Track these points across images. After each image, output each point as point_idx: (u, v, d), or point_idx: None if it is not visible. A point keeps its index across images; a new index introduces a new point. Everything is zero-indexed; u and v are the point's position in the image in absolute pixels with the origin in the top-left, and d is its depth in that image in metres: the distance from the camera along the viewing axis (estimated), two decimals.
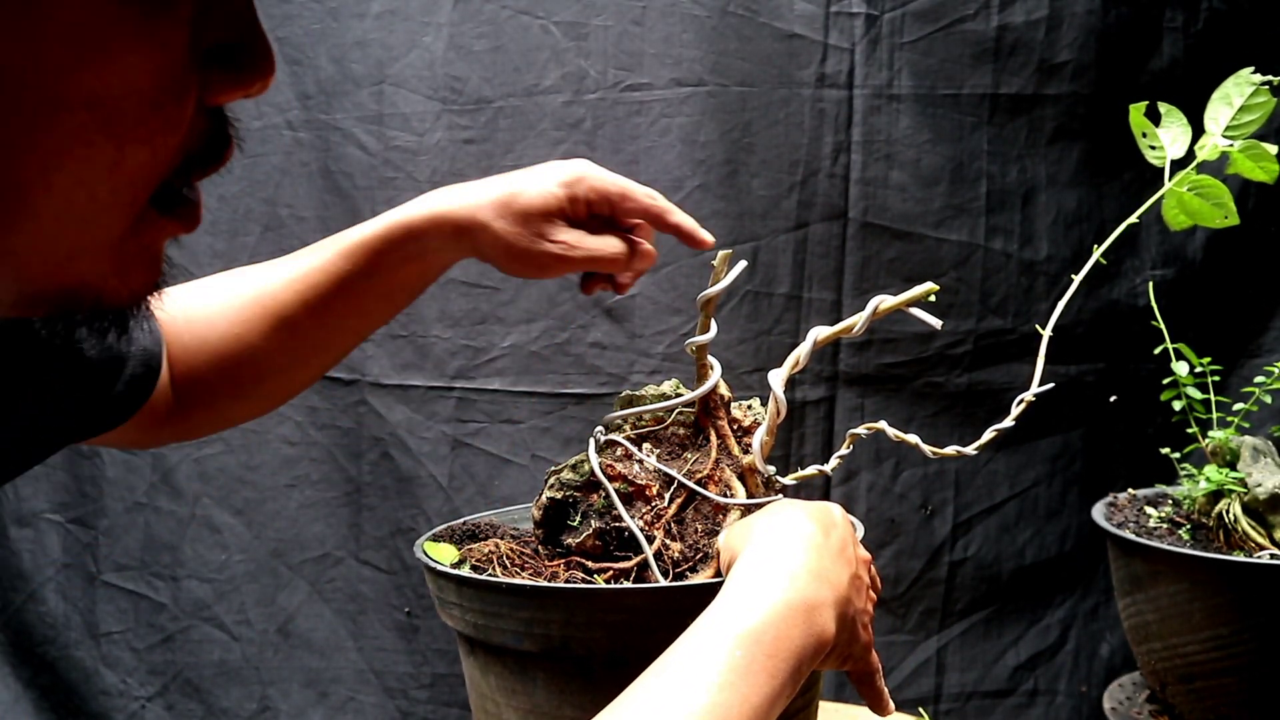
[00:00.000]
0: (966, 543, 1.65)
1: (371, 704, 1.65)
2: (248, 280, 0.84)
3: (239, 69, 0.41)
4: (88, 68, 0.36)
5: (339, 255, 0.83)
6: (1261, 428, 1.41)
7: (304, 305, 0.83)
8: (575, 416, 1.61)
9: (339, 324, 0.85)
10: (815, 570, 0.66)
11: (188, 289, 0.85)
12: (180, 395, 0.83)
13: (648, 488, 0.82)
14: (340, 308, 0.84)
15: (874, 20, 1.56)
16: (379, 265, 0.83)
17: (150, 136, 0.38)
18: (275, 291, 0.83)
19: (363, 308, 0.85)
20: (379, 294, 0.85)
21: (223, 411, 0.87)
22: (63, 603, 1.66)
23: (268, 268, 0.85)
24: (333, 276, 0.83)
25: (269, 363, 0.84)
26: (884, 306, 0.82)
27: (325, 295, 0.83)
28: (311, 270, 0.83)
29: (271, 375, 0.86)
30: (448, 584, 0.79)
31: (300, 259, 0.84)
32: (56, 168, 0.36)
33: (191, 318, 0.82)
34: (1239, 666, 1.13)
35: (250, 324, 0.82)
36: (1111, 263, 1.61)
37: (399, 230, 0.82)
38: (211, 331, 0.82)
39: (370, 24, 1.59)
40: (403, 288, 0.86)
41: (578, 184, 0.83)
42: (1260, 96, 1.08)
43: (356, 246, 0.83)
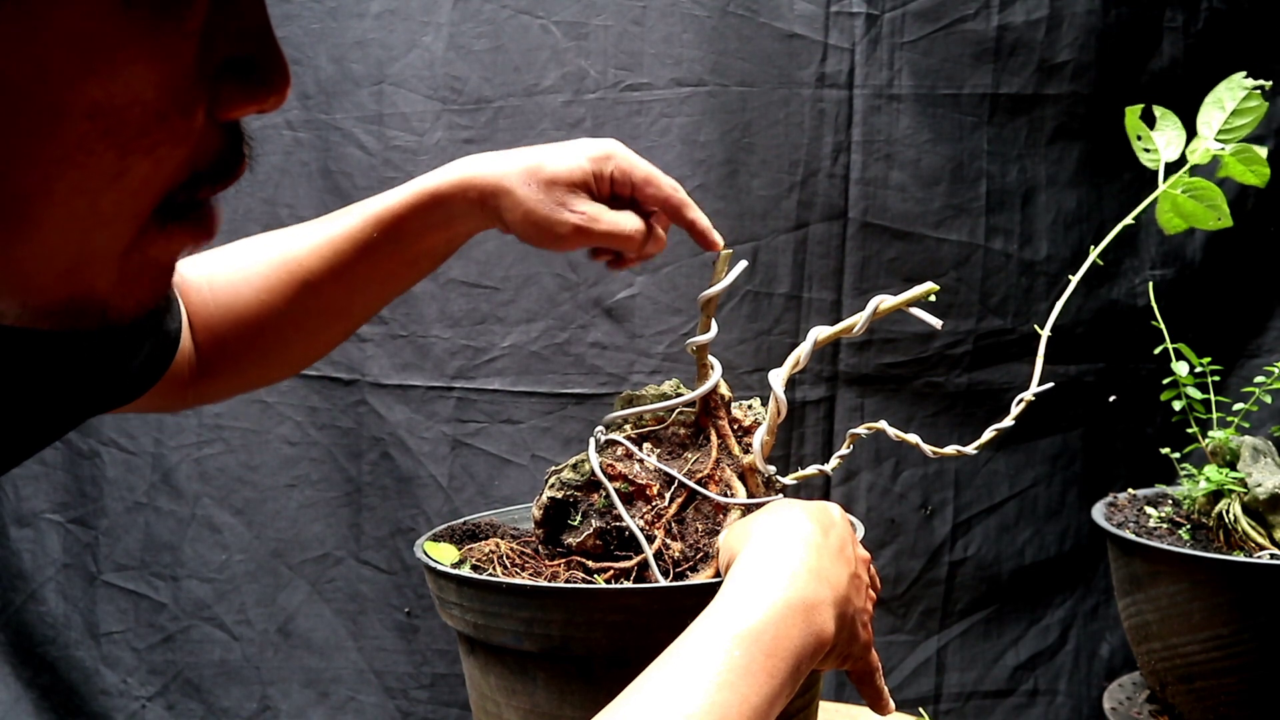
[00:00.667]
0: (966, 543, 1.65)
1: (371, 704, 1.66)
2: (273, 245, 0.84)
3: (252, 83, 0.41)
4: (91, 77, 0.35)
5: (366, 221, 0.83)
6: (1261, 428, 1.41)
7: (329, 270, 0.83)
8: (575, 416, 1.61)
9: (363, 289, 0.86)
10: (814, 569, 0.66)
11: (213, 255, 0.85)
12: (205, 360, 0.83)
13: (648, 487, 0.82)
14: (365, 273, 0.84)
15: (874, 20, 1.57)
16: (405, 232, 0.83)
17: (154, 147, 0.38)
18: (301, 257, 0.83)
19: (388, 273, 0.86)
20: (404, 260, 0.85)
21: (247, 375, 0.88)
22: (63, 603, 1.66)
23: (293, 233, 0.85)
24: (359, 243, 0.83)
25: (293, 327, 0.84)
26: (884, 306, 0.82)
27: (351, 261, 0.83)
28: (337, 236, 0.83)
29: (296, 340, 0.86)
30: (448, 584, 0.79)
31: (326, 224, 0.84)
32: (58, 176, 0.36)
33: (217, 284, 0.83)
34: (1239, 666, 1.13)
35: (276, 289, 0.83)
36: (1111, 263, 1.61)
37: (426, 197, 0.83)
38: (237, 298, 0.82)
39: (370, 24, 1.59)
40: (428, 254, 0.87)
41: (606, 161, 0.83)
42: (1252, 101, 1.08)
43: (384, 213, 0.83)
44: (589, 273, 1.60)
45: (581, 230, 0.82)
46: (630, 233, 0.84)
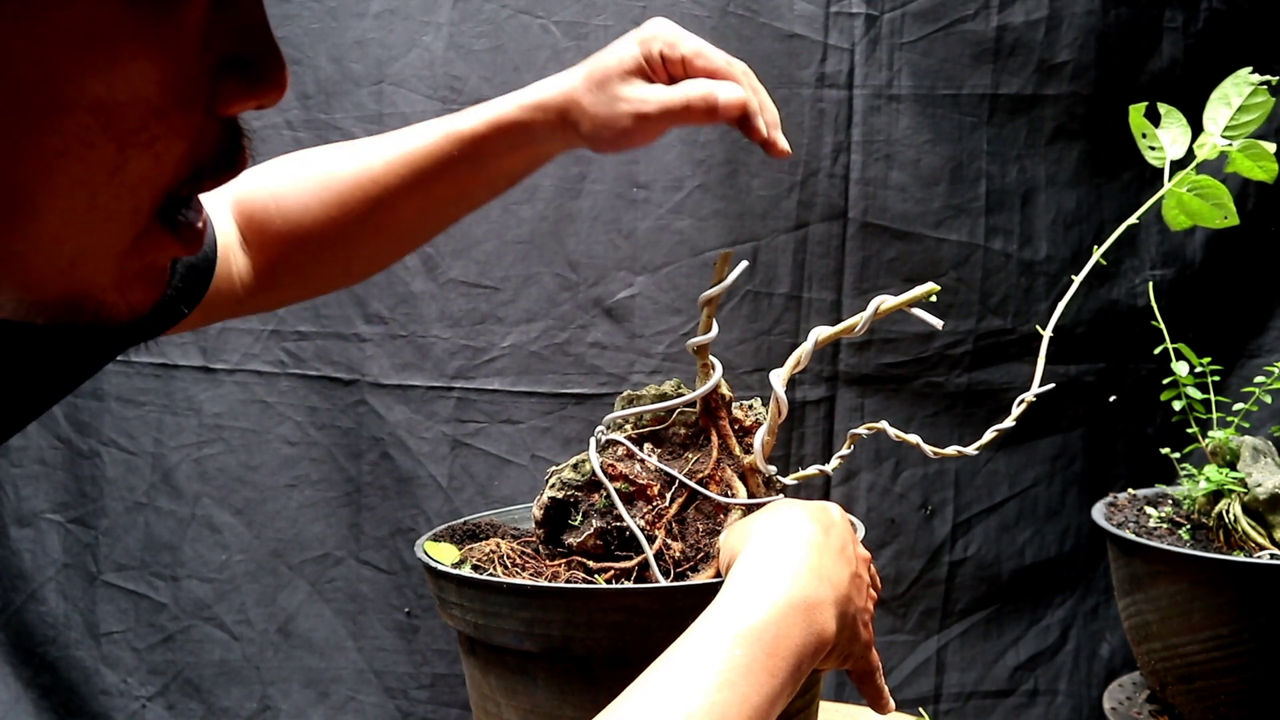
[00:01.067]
0: (966, 543, 1.65)
1: (371, 704, 1.66)
2: (345, 160, 0.83)
3: (251, 80, 0.41)
4: (92, 71, 0.36)
5: (446, 140, 0.82)
6: (1261, 428, 1.41)
7: (405, 187, 0.82)
8: (575, 416, 1.61)
9: (438, 206, 0.85)
10: (815, 569, 0.66)
11: (280, 167, 0.84)
12: (264, 273, 0.82)
13: (649, 487, 0.82)
14: (441, 191, 0.83)
15: (874, 20, 1.57)
16: (486, 153, 0.82)
17: (153, 142, 0.38)
18: (375, 173, 0.82)
19: (464, 192, 0.85)
20: (483, 180, 0.84)
21: (309, 285, 0.88)
22: (63, 603, 1.66)
23: (367, 146, 0.83)
24: (437, 160, 0.82)
25: (362, 241, 0.84)
26: (885, 306, 0.82)
27: (427, 178, 0.82)
28: (415, 152, 0.82)
29: (364, 253, 0.86)
30: (448, 584, 0.79)
31: (403, 139, 0.83)
32: (59, 170, 0.37)
33: (283, 197, 0.82)
34: (1239, 666, 1.13)
35: (348, 205, 0.82)
36: (1111, 263, 1.61)
37: (507, 121, 0.82)
38: (306, 212, 0.81)
39: (370, 24, 1.59)
40: (506, 175, 0.85)
41: (652, 41, 0.80)
42: (1259, 96, 1.08)
43: (465, 133, 0.81)
44: (589, 273, 1.60)
45: (638, 116, 0.78)
46: (687, 101, 0.78)
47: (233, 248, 0.81)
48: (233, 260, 0.81)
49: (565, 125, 0.82)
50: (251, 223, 0.82)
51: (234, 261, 0.81)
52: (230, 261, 0.80)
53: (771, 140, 0.82)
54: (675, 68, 0.81)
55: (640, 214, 1.59)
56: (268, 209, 0.81)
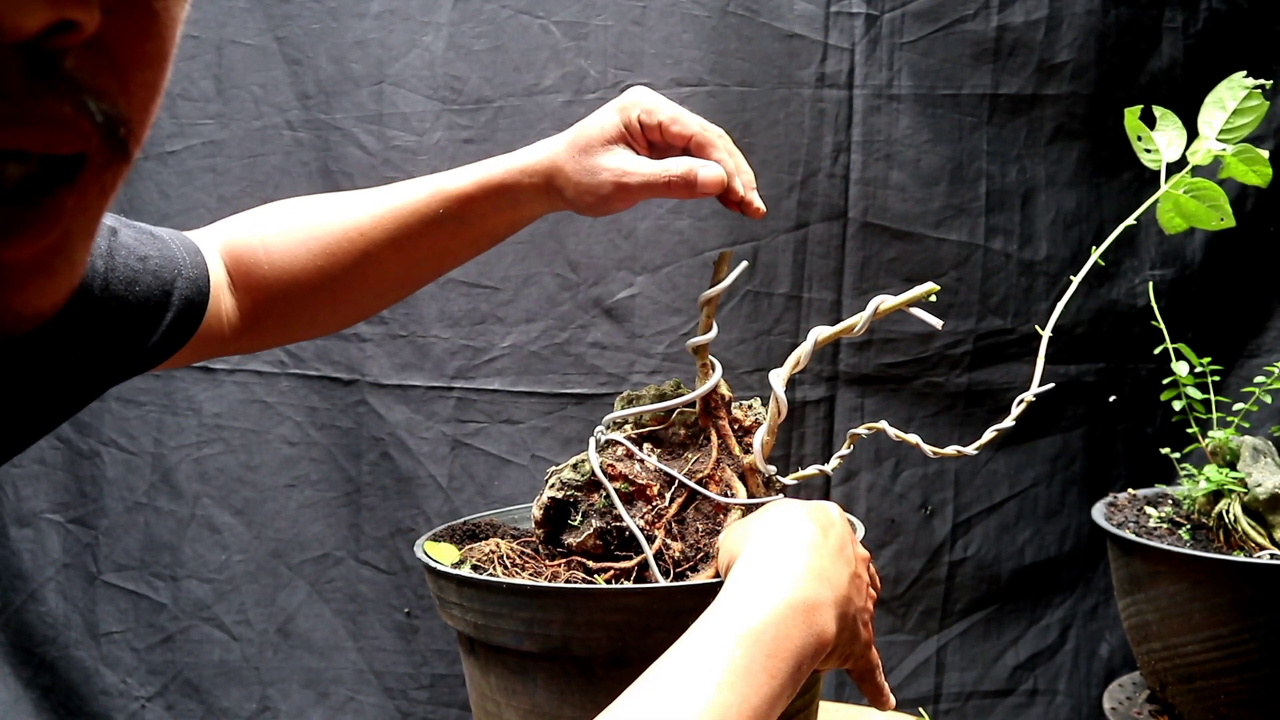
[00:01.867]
0: (966, 543, 1.65)
1: (371, 704, 1.65)
2: (335, 211, 0.85)
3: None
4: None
5: (433, 198, 0.83)
6: (1261, 428, 1.41)
7: (391, 241, 0.84)
8: (575, 416, 1.61)
9: (423, 261, 0.87)
10: (816, 570, 0.66)
11: (269, 214, 0.86)
12: (251, 317, 0.84)
13: (648, 487, 0.82)
14: (427, 246, 0.85)
15: (874, 20, 1.57)
16: (472, 212, 0.84)
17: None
18: (363, 226, 0.83)
19: (448, 249, 0.86)
20: (467, 239, 0.86)
21: (293, 332, 0.90)
22: (63, 603, 1.66)
23: (355, 199, 0.85)
24: (424, 218, 0.84)
25: (347, 292, 0.85)
26: (885, 306, 0.82)
27: (413, 234, 0.84)
28: (402, 207, 0.84)
29: (348, 303, 0.87)
30: (448, 584, 0.79)
31: (391, 194, 0.85)
32: None
33: (272, 246, 0.83)
34: (1239, 666, 1.13)
35: (335, 257, 0.83)
36: (1111, 263, 1.61)
37: (494, 183, 0.83)
38: (293, 261, 0.83)
39: (370, 24, 1.59)
40: (489, 234, 0.87)
41: (630, 107, 0.83)
42: (1253, 100, 1.08)
43: (452, 193, 0.83)
44: (589, 273, 1.60)
45: (620, 185, 0.80)
46: (668, 177, 0.80)
47: (222, 288, 0.82)
48: (222, 301, 0.82)
49: (549, 189, 0.84)
50: (240, 266, 0.83)
51: (223, 302, 0.82)
52: (220, 301, 0.81)
53: (747, 201, 0.83)
54: (653, 133, 0.83)
55: (640, 214, 1.59)
56: (256, 254, 0.83)
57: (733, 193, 0.83)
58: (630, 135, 0.82)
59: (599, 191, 0.82)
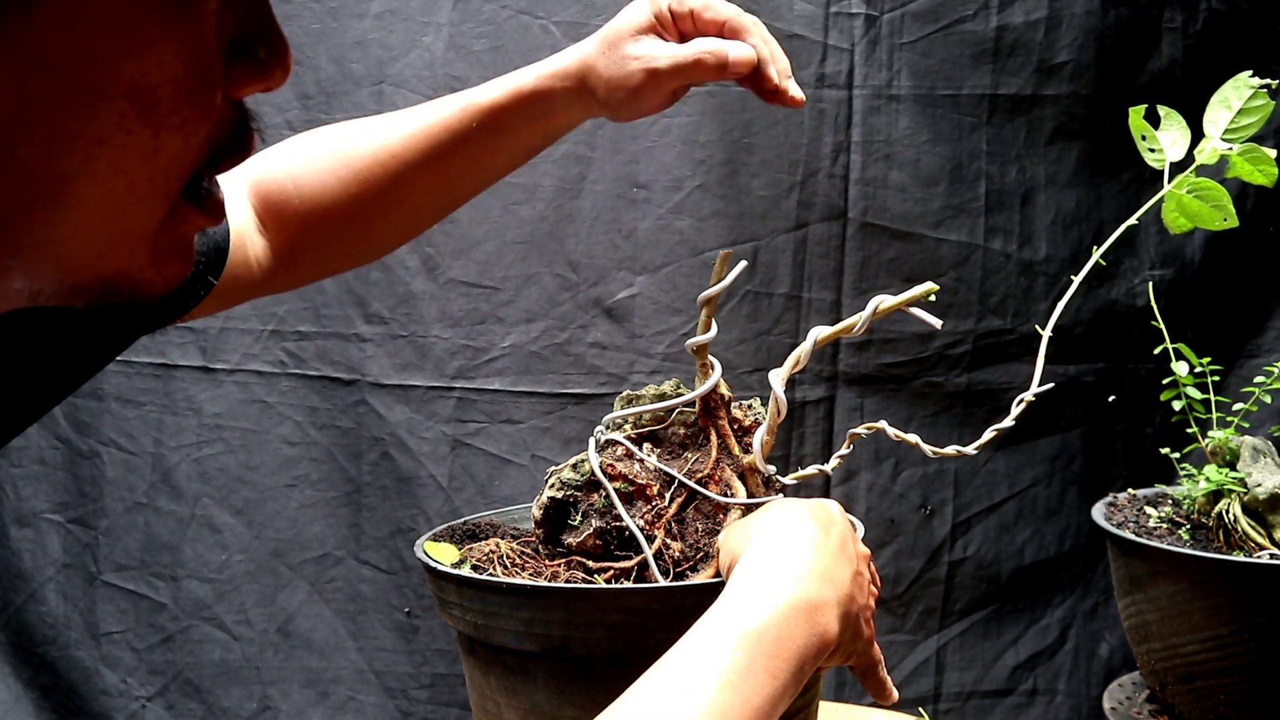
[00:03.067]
0: (966, 542, 1.66)
1: (371, 704, 1.66)
2: (365, 135, 0.83)
3: (259, 61, 0.42)
4: (127, 57, 0.37)
5: (464, 112, 0.82)
6: (1261, 428, 1.41)
7: (424, 160, 0.82)
8: (575, 416, 1.61)
9: (457, 179, 0.85)
10: (818, 570, 0.66)
11: (295, 146, 0.85)
12: (283, 253, 0.83)
13: (648, 487, 0.82)
14: (461, 164, 0.84)
15: (874, 20, 1.57)
16: (504, 124, 0.83)
17: (183, 125, 0.39)
18: (394, 147, 0.82)
19: (483, 164, 0.85)
20: (502, 152, 0.85)
21: (330, 263, 0.89)
22: (63, 603, 1.66)
23: (385, 121, 0.84)
24: (456, 133, 0.82)
25: (382, 217, 0.84)
26: (884, 306, 0.82)
27: (446, 151, 0.83)
28: (434, 125, 0.82)
29: (384, 229, 0.86)
30: (448, 584, 0.79)
31: (420, 114, 0.83)
32: (97, 157, 0.37)
33: (300, 176, 0.82)
34: (1239, 666, 1.13)
35: (367, 182, 0.82)
36: (1110, 263, 1.61)
37: (525, 92, 0.82)
38: (325, 190, 0.82)
39: (370, 24, 1.59)
40: (524, 146, 0.86)
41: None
42: (1259, 100, 1.08)
43: (484, 105, 0.82)
44: (589, 273, 1.60)
45: (650, 72, 0.79)
46: (694, 57, 0.79)
47: (248, 232, 0.81)
48: (249, 244, 0.81)
49: (583, 92, 0.82)
50: (269, 204, 0.82)
51: (250, 246, 0.81)
52: (246, 246, 0.80)
53: (783, 90, 0.82)
54: (685, 23, 0.81)
55: (640, 214, 1.59)
56: (285, 189, 0.82)
57: (767, 80, 0.81)
58: (661, 25, 0.81)
59: (629, 83, 0.80)
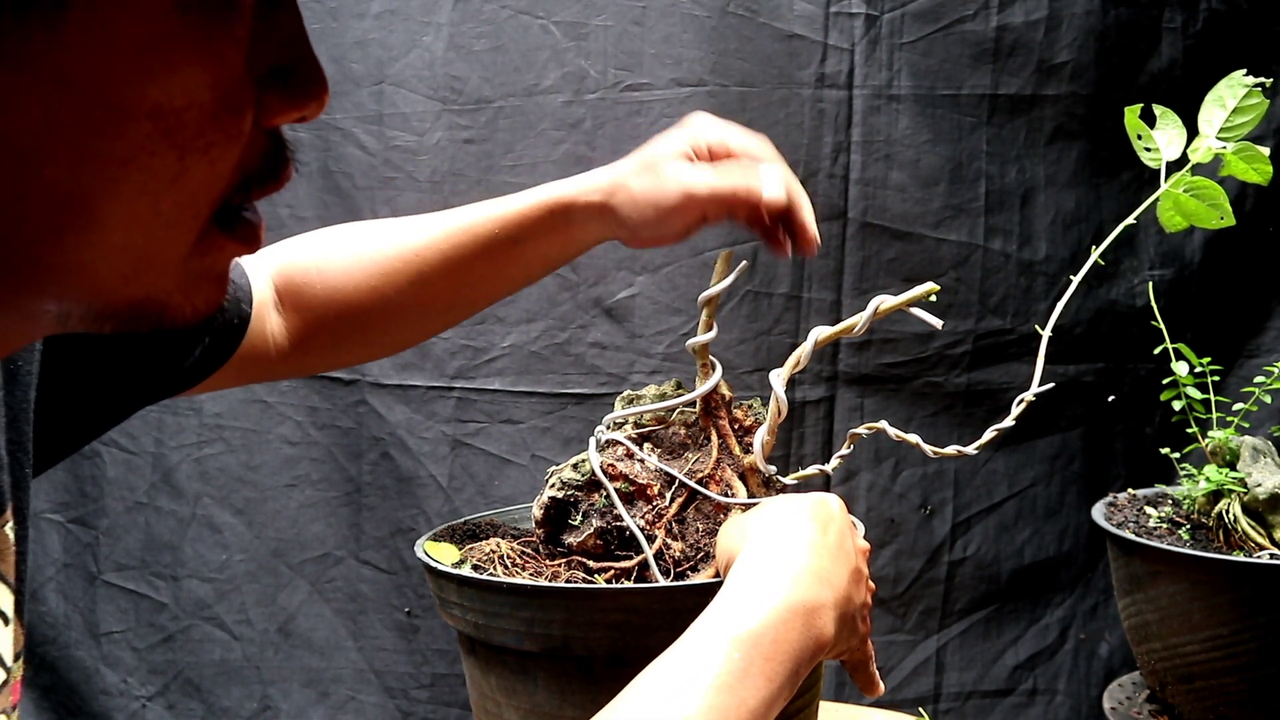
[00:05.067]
0: (966, 542, 1.66)
1: (372, 704, 1.66)
2: (390, 235, 0.85)
3: (293, 91, 0.43)
4: (151, 79, 0.37)
5: (490, 220, 0.84)
6: (1261, 428, 1.41)
7: (445, 264, 0.84)
8: (575, 416, 1.61)
9: (475, 285, 0.87)
10: (816, 571, 0.66)
11: (324, 236, 0.86)
12: (302, 339, 0.84)
13: (649, 487, 0.82)
14: (480, 270, 0.85)
15: (874, 20, 1.57)
16: (528, 233, 0.84)
17: (209, 148, 0.40)
18: (418, 248, 0.84)
19: (501, 273, 0.87)
20: (521, 261, 0.86)
21: (343, 354, 0.91)
22: (63, 603, 1.66)
23: (411, 222, 0.86)
24: (479, 239, 0.84)
25: (399, 315, 0.86)
26: (885, 306, 0.82)
27: (468, 256, 0.84)
28: (458, 230, 0.84)
29: (398, 327, 0.88)
30: (448, 584, 0.79)
31: (447, 218, 0.85)
32: (123, 178, 0.38)
33: (325, 268, 0.84)
34: (1239, 666, 1.13)
35: (388, 278, 0.84)
36: (1110, 263, 1.61)
37: (553, 203, 0.84)
38: (347, 283, 0.84)
39: (370, 24, 1.59)
40: (543, 259, 0.87)
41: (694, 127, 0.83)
42: (1253, 98, 1.08)
43: (510, 214, 0.84)
44: (589, 273, 1.60)
45: (686, 194, 0.79)
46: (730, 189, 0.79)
47: (268, 308, 0.83)
48: (268, 321, 0.82)
49: (606, 209, 0.83)
50: (291, 287, 0.84)
51: (269, 322, 0.83)
52: (265, 321, 0.82)
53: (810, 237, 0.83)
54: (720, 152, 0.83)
55: None
56: (309, 275, 0.84)
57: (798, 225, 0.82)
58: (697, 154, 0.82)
59: (663, 202, 0.80)
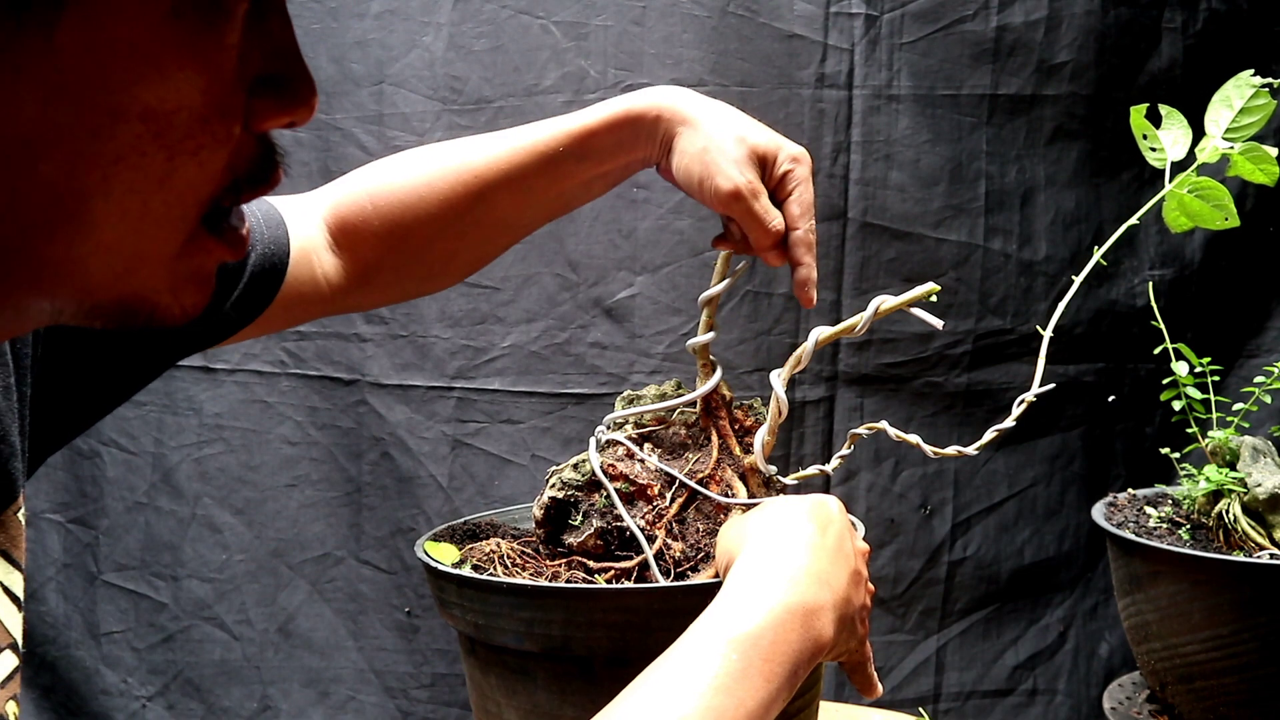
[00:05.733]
0: (966, 542, 1.66)
1: (372, 704, 1.66)
2: (448, 156, 0.85)
3: (283, 97, 0.44)
4: (143, 82, 0.38)
5: (555, 135, 0.83)
6: (1261, 428, 1.41)
7: (506, 182, 0.83)
8: (575, 416, 1.61)
9: (536, 204, 0.86)
10: (815, 573, 0.66)
11: (378, 169, 0.86)
12: (359, 272, 0.84)
13: (649, 487, 0.82)
14: (542, 186, 0.84)
15: (874, 20, 1.57)
16: (592, 149, 0.83)
17: (198, 150, 0.41)
18: (477, 168, 0.83)
19: (561, 190, 0.86)
20: (581, 179, 0.85)
21: (405, 285, 0.90)
22: (63, 603, 1.66)
23: (470, 143, 0.86)
24: (542, 155, 0.83)
25: (459, 237, 0.85)
26: (885, 307, 0.82)
27: (530, 173, 0.83)
28: (520, 148, 0.83)
29: (460, 250, 0.87)
30: (449, 584, 0.79)
31: (508, 136, 0.84)
32: (114, 177, 0.39)
33: (380, 196, 0.84)
34: (1239, 666, 1.13)
35: (448, 200, 0.83)
36: (1110, 263, 1.61)
37: (624, 115, 0.82)
38: (405, 209, 0.83)
39: (370, 24, 1.59)
40: (603, 178, 0.86)
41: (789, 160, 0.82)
42: (1260, 99, 1.08)
43: (578, 129, 0.82)
44: (589, 273, 1.60)
45: (738, 195, 0.79)
46: (769, 226, 0.79)
47: (317, 249, 0.82)
48: (316, 262, 0.82)
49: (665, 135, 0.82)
50: (346, 224, 0.84)
51: (318, 263, 0.82)
52: (313, 264, 0.82)
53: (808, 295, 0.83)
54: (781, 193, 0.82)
55: (640, 214, 1.59)
56: (364, 209, 0.83)
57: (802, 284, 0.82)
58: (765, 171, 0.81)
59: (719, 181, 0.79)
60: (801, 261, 0.82)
